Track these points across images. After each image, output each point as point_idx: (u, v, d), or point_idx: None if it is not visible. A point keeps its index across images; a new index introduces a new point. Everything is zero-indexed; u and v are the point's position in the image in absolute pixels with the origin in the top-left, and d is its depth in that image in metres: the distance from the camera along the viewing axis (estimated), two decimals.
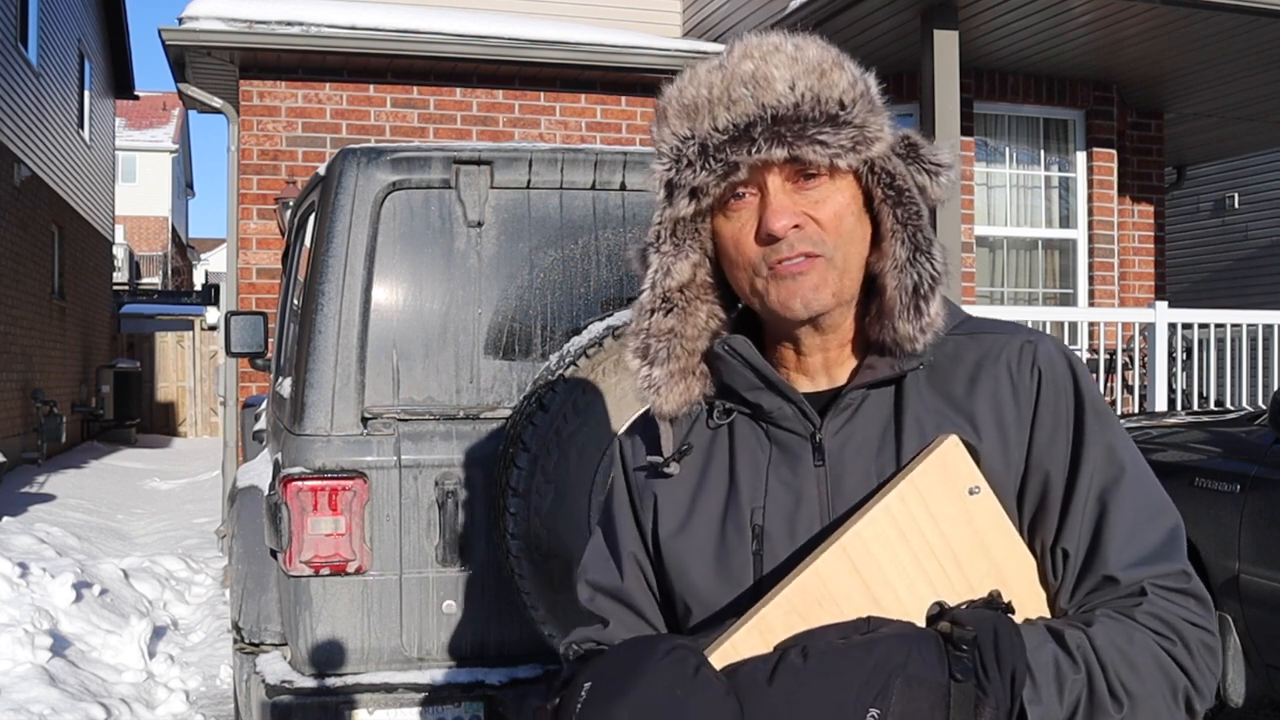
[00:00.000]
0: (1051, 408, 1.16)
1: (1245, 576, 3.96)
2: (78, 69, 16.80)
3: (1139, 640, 1.08)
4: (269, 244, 7.88)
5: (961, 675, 0.98)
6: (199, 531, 9.18)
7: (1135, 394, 7.22)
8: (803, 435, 1.20)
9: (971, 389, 1.18)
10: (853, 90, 1.15)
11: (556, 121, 8.38)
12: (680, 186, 1.18)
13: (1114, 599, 1.11)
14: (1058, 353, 1.19)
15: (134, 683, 5.03)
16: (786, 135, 1.12)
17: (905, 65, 7.70)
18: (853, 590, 1.07)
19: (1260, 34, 7.23)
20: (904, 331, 1.16)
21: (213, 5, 7.68)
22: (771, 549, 1.19)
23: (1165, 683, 1.08)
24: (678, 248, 1.23)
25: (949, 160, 1.20)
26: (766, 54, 1.15)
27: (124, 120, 31.89)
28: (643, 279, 1.26)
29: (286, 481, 2.93)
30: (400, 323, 3.08)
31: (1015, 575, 1.13)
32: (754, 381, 1.21)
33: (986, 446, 1.15)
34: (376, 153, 3.10)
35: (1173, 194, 11.98)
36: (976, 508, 1.11)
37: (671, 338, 1.24)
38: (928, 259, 1.16)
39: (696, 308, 1.25)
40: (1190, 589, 1.12)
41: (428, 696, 2.99)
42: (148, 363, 20.38)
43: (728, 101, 1.14)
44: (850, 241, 1.16)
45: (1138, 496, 1.14)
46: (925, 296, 1.15)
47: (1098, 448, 1.15)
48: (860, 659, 0.99)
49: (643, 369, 1.25)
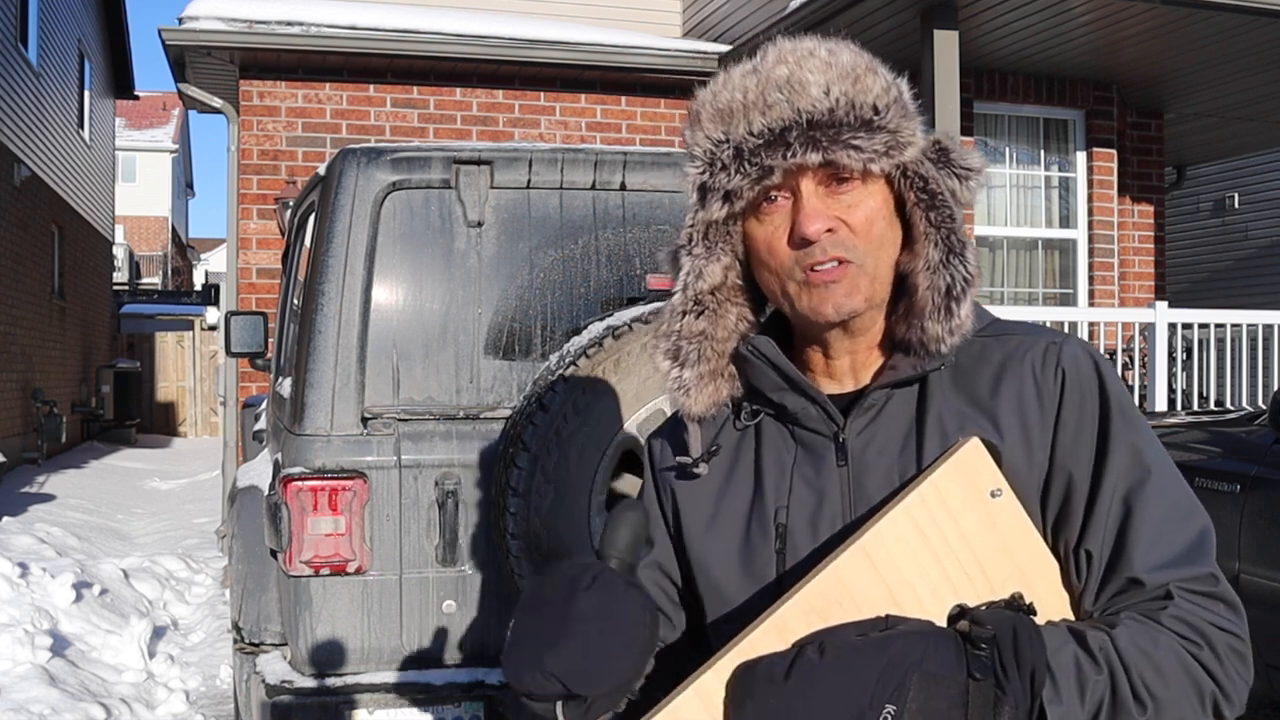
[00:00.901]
0: (1075, 408, 1.16)
1: (1245, 576, 3.96)
2: (78, 69, 16.80)
3: (1164, 643, 1.06)
4: (269, 244, 7.88)
5: (980, 674, 0.98)
6: (199, 531, 9.18)
7: (1135, 394, 7.22)
8: (827, 435, 1.21)
9: (995, 389, 1.18)
10: (886, 95, 1.16)
11: (556, 121, 8.38)
12: (714, 190, 1.19)
13: (1139, 602, 1.10)
14: (1084, 354, 1.18)
15: (134, 683, 5.03)
16: (821, 140, 1.13)
17: (905, 65, 7.61)
18: (872, 591, 1.07)
19: (1260, 34, 7.23)
20: (932, 332, 1.16)
21: (213, 5, 7.68)
22: (794, 547, 1.20)
23: (1191, 687, 1.06)
24: (709, 250, 1.24)
25: (979, 164, 1.21)
26: (801, 59, 1.16)
27: (124, 120, 31.89)
28: (674, 281, 1.27)
29: (286, 481, 2.93)
30: (400, 323, 3.08)
31: (1038, 578, 1.12)
32: (778, 382, 1.22)
33: (1009, 447, 1.15)
34: (376, 153, 3.10)
35: (1173, 194, 11.98)
36: (998, 510, 1.11)
37: (703, 340, 1.25)
38: (961, 261, 1.17)
39: (727, 310, 1.27)
40: (1219, 593, 1.11)
41: (428, 696, 2.99)
42: (148, 363, 20.38)
43: (763, 106, 1.14)
44: (881, 246, 1.17)
45: (1164, 498, 1.13)
46: (957, 298, 1.16)
47: (1123, 449, 1.14)
48: (876, 655, 0.99)
49: (673, 370, 1.26)
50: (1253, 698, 4.43)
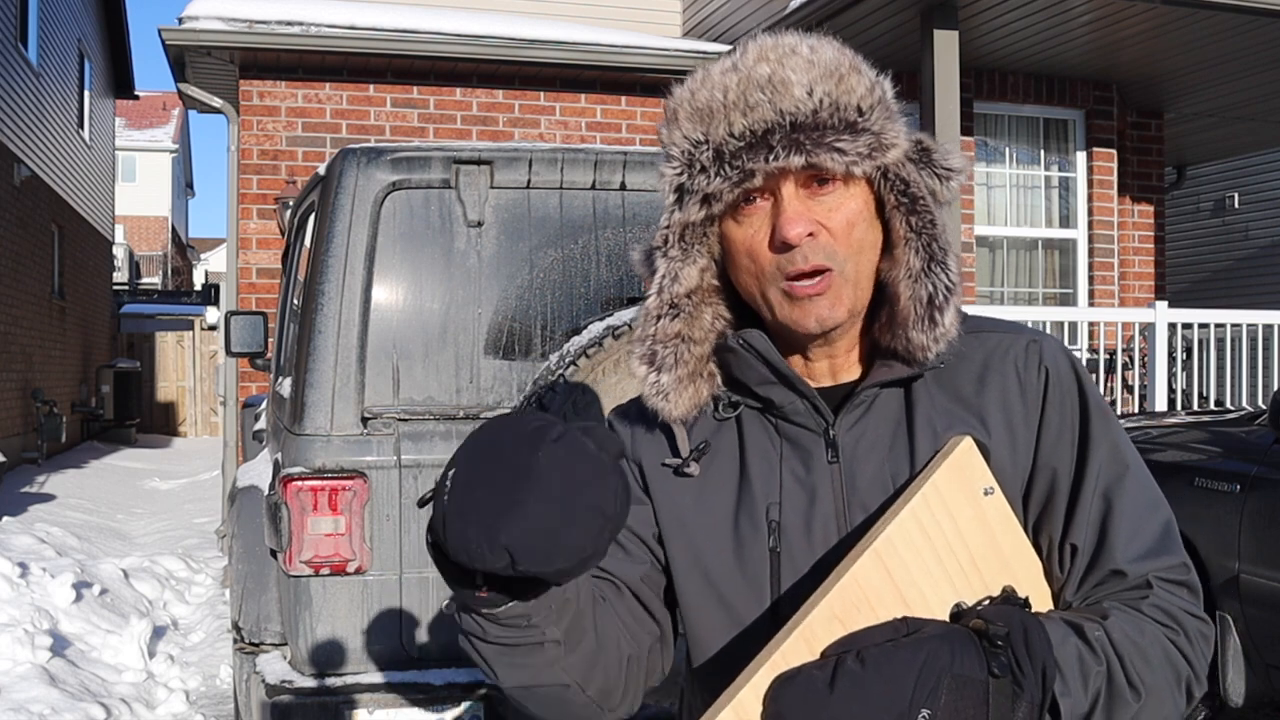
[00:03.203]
0: (1058, 407, 1.18)
1: (1245, 576, 3.96)
2: (78, 69, 16.80)
3: (1149, 632, 1.10)
4: (269, 244, 7.88)
5: (999, 671, 0.99)
6: (199, 531, 9.18)
7: (1135, 394, 7.22)
8: (815, 431, 1.20)
9: (980, 388, 1.19)
10: (870, 96, 1.13)
11: (556, 121, 8.38)
12: (692, 191, 1.16)
13: (1120, 591, 1.14)
14: (1061, 352, 1.20)
15: (134, 683, 5.03)
16: (805, 143, 1.10)
17: (905, 65, 7.69)
18: (886, 593, 1.08)
19: (1260, 34, 7.23)
20: (918, 341, 1.15)
21: (213, 5, 7.68)
22: (788, 545, 1.18)
23: (1172, 672, 1.10)
24: (685, 253, 1.21)
25: (960, 165, 1.19)
26: (783, 57, 1.13)
27: (124, 120, 31.90)
28: (648, 283, 1.24)
29: (286, 481, 2.93)
30: (400, 323, 3.08)
31: (1023, 573, 1.15)
32: (767, 376, 1.19)
33: (995, 444, 1.16)
34: (376, 153, 3.10)
35: (1173, 194, 11.98)
36: (989, 508, 1.13)
37: (679, 343, 1.22)
38: (942, 269, 1.15)
39: (702, 311, 1.24)
40: (1187, 580, 1.15)
41: (428, 696, 2.99)
42: (148, 363, 20.37)
43: (744, 106, 1.11)
44: (862, 250, 1.15)
45: (1139, 492, 1.17)
46: (940, 307, 1.14)
47: (1103, 446, 1.17)
48: (911, 660, 0.99)
49: (650, 375, 1.23)
50: (1253, 697, 4.42)
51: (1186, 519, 4.12)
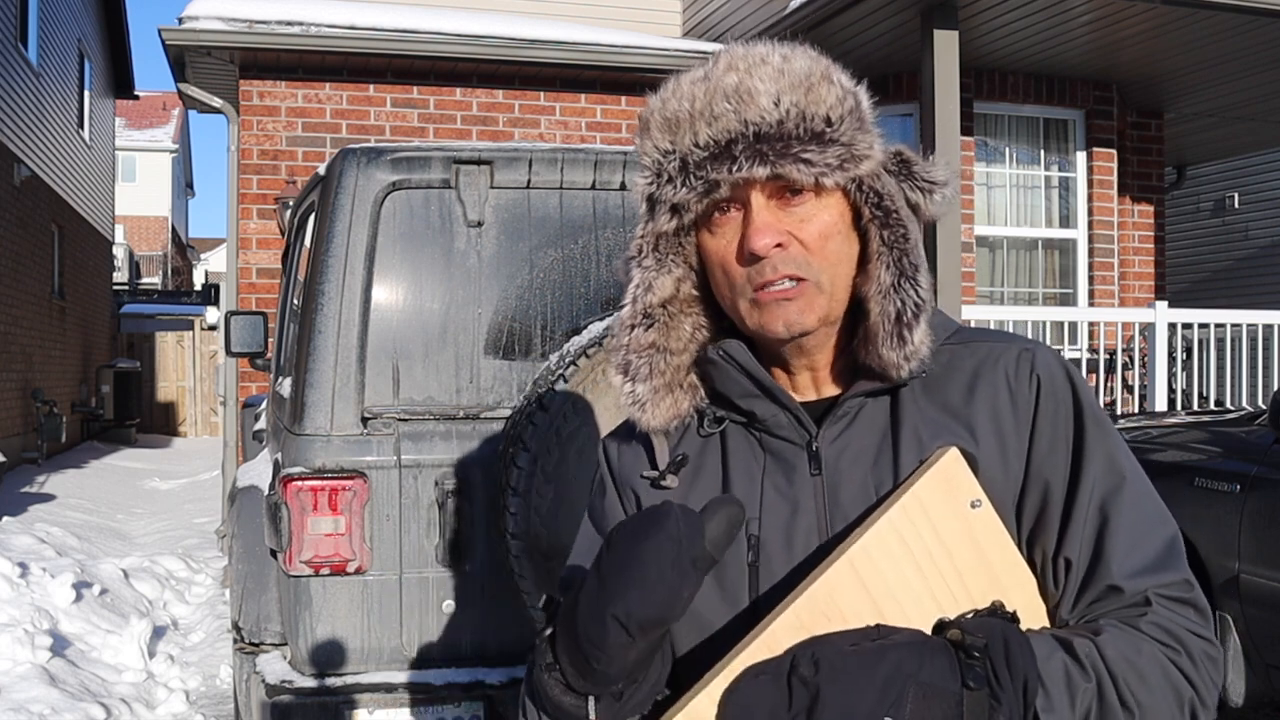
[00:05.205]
0: (1050, 417, 1.15)
1: (1245, 576, 3.96)
2: (78, 69, 16.80)
3: (1147, 651, 1.06)
4: (269, 244, 7.89)
5: (974, 684, 0.97)
6: (199, 531, 9.18)
7: (1135, 394, 7.22)
8: (798, 444, 1.18)
9: (970, 397, 1.16)
10: (840, 106, 1.11)
11: (556, 121, 8.38)
12: (661, 201, 1.15)
13: (1118, 608, 1.10)
14: (1055, 361, 1.17)
15: (134, 683, 5.03)
16: (769, 153, 1.08)
17: (905, 65, 7.70)
18: (859, 604, 1.05)
19: (1260, 34, 7.23)
20: (888, 359, 1.13)
21: (213, 5, 7.68)
22: (767, 559, 1.16)
23: (1172, 694, 1.07)
24: (660, 262, 1.20)
25: (943, 177, 1.17)
26: (752, 66, 1.11)
27: (124, 120, 31.89)
28: (625, 293, 1.23)
29: (286, 481, 2.93)
30: (400, 323, 3.08)
31: (1014, 589, 1.11)
32: (749, 388, 1.18)
33: (985, 455, 1.13)
34: (376, 153, 3.10)
35: (1173, 194, 11.98)
36: (977, 521, 1.10)
37: (653, 353, 1.21)
38: (912, 285, 1.13)
39: (680, 321, 1.22)
40: (1192, 599, 1.11)
41: (428, 696, 2.99)
42: (148, 363, 20.37)
43: (709, 116, 1.10)
44: (837, 263, 1.13)
45: (1138, 506, 1.13)
46: (908, 325, 1.12)
47: (1098, 457, 1.14)
48: (873, 666, 0.97)
49: (625, 385, 1.22)
50: (1253, 697, 4.42)
51: (1186, 519, 4.12)
